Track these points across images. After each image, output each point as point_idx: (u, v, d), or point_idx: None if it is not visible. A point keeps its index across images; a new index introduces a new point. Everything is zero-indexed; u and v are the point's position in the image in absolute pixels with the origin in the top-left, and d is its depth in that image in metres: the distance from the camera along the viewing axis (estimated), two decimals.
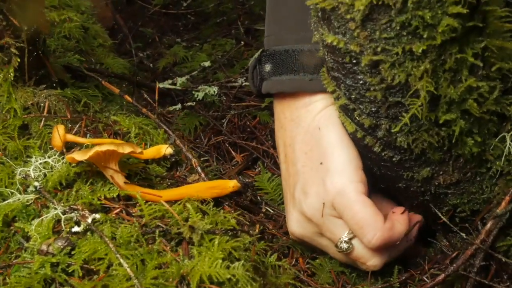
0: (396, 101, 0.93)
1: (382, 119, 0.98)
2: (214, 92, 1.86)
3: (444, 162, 1.03)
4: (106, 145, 1.00)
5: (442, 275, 0.98)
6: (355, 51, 0.89)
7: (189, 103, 1.79)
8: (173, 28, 2.79)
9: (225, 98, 1.90)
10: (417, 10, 0.81)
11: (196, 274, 0.90)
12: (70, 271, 0.93)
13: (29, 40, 1.11)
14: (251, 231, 1.15)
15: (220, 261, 0.92)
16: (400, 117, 0.95)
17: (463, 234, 1.05)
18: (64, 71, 1.39)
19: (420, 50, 0.85)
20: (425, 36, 0.83)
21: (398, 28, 0.83)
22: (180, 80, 1.99)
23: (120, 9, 2.86)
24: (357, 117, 1.01)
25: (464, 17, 0.83)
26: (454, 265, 0.99)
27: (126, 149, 1.02)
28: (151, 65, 2.27)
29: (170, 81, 1.99)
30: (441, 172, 1.04)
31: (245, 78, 2.03)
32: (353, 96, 0.98)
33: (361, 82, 0.94)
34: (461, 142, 0.97)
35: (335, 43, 0.91)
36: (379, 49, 0.87)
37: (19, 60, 1.10)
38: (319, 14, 0.93)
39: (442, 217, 1.08)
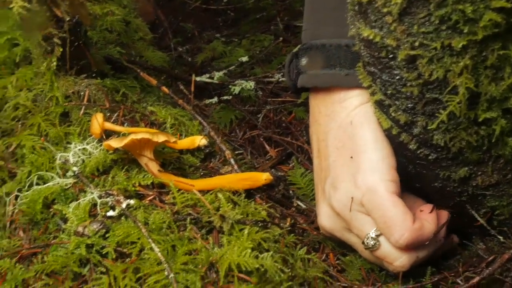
0: (434, 97, 0.91)
1: (418, 116, 0.96)
2: (251, 87, 1.87)
3: (483, 162, 1.00)
4: (141, 133, 1.02)
5: (477, 278, 0.96)
6: (392, 45, 0.88)
7: (225, 97, 1.80)
8: (213, 23, 2.82)
9: (261, 93, 1.90)
10: (457, 4, 0.79)
11: (225, 262, 0.91)
12: (104, 253, 0.96)
13: (71, 31, 1.14)
14: (281, 224, 1.15)
15: (249, 250, 0.93)
16: (437, 114, 0.93)
17: (501, 238, 1.02)
18: (104, 62, 1.43)
19: (460, 46, 0.83)
20: (465, 31, 0.81)
21: (437, 22, 0.82)
22: (217, 75, 2.01)
23: (161, 5, 2.91)
24: (392, 113, 1.00)
25: (509, 12, 0.80)
26: (490, 268, 0.96)
27: (160, 138, 1.04)
28: (189, 59, 2.30)
29: (207, 75, 2.01)
30: (479, 173, 1.01)
31: (282, 73, 2.02)
32: (389, 92, 0.97)
33: (397, 77, 0.93)
34: (501, 142, 0.94)
35: (371, 37, 0.90)
36: (416, 43, 0.85)
37: (61, 49, 1.14)
38: (356, 7, 0.92)
39: (479, 219, 1.06)
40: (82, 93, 1.24)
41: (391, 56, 0.90)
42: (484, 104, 0.90)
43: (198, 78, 1.78)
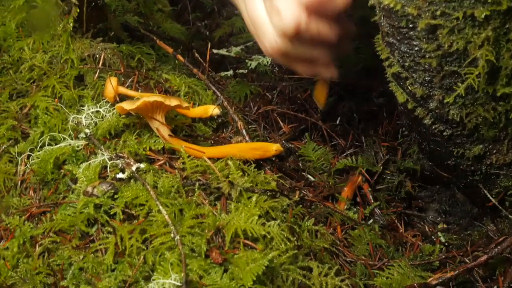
0: (452, 70, 0.89)
1: (435, 90, 0.94)
2: (267, 62, 1.85)
3: (498, 140, 0.98)
4: (154, 96, 1.01)
5: (485, 257, 0.95)
6: (413, 14, 0.86)
7: (241, 71, 1.79)
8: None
9: (277, 69, 1.88)
10: None
11: (231, 228, 0.90)
12: (111, 213, 0.96)
13: None
14: (290, 196, 1.14)
15: (256, 217, 0.93)
16: (454, 88, 0.91)
17: None
18: (121, 29, 1.43)
19: (482, 16, 0.80)
20: (489, 0, 0.79)
21: None
22: (234, 49, 1.99)
23: None
24: (409, 87, 0.98)
25: None
26: (499, 247, 0.95)
27: (173, 102, 1.03)
28: (207, 33, 2.28)
29: (225, 50, 1.99)
30: (494, 151, 1.00)
31: None
32: (406, 64, 0.95)
33: (416, 48, 0.90)
34: None
35: (392, 5, 0.88)
36: (438, 12, 0.83)
37: (78, 10, 1.13)
38: None
39: (492, 199, 1.04)
40: (97, 56, 1.23)
41: (411, 25, 0.88)
42: (504, 79, 0.88)
43: (215, 51, 1.76)
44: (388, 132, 1.56)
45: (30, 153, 1.13)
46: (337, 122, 1.64)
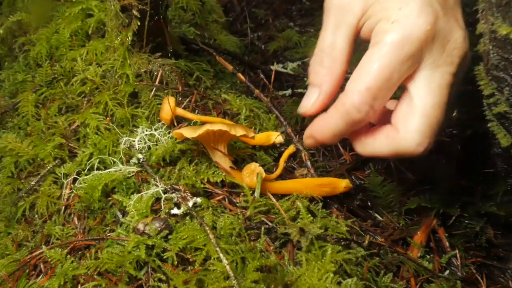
0: None
1: None
2: None
3: None
4: (218, 124, 0.90)
5: None
6: None
7: (299, 90, 1.66)
8: (286, 12, 2.68)
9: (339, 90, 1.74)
10: None
11: (303, 286, 0.77)
12: (164, 257, 0.85)
13: (152, 4, 1.02)
14: (361, 242, 1.01)
15: (331, 274, 0.79)
16: None
17: None
18: (179, 42, 1.32)
19: None
20: None
21: None
22: (291, 65, 1.88)
23: None
24: None
25: None
26: None
27: (239, 132, 0.91)
28: (262, 46, 2.17)
29: (280, 65, 1.88)
30: None
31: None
32: None
33: None
34: None
35: (511, 36, 0.73)
36: None
37: (139, 23, 1.03)
38: None
39: None
40: (155, 73, 1.12)
41: None
42: None
43: (272, 67, 1.65)
44: (464, 167, 1.40)
45: (77, 176, 1.03)
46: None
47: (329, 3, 0.99)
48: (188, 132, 0.92)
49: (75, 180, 1.04)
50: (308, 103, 0.96)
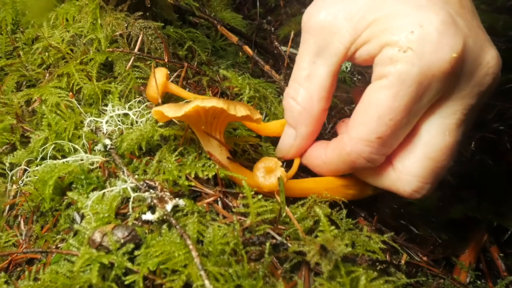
0: None
1: None
2: (346, 68, 1.49)
3: None
4: (212, 100, 0.65)
5: None
6: None
7: None
8: None
9: (359, 78, 1.51)
10: None
11: None
12: (127, 282, 0.59)
13: None
14: (395, 262, 0.76)
15: None
16: None
17: None
18: (171, 8, 1.08)
19: None
20: None
21: None
22: None
23: None
24: None
25: None
26: None
27: (240, 111, 0.66)
28: (272, 29, 1.94)
29: (294, 49, 1.63)
30: None
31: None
32: None
33: None
34: None
35: None
36: None
37: None
38: None
39: None
40: (133, 38, 0.88)
41: None
42: None
43: (284, 48, 1.40)
44: None
45: (26, 167, 0.79)
46: None
47: (308, 23, 0.76)
48: (171, 111, 0.67)
49: (25, 172, 0.79)
50: (285, 147, 0.80)
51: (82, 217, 0.71)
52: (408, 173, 0.72)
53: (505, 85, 1.35)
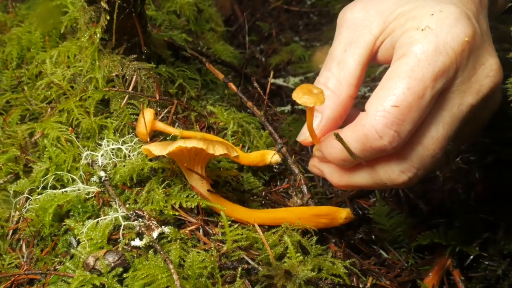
0: None
1: None
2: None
3: None
4: (193, 141, 0.74)
5: None
6: None
7: (301, 106, 1.51)
8: (292, 26, 2.56)
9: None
10: None
11: None
12: None
13: None
14: (360, 285, 0.84)
15: None
16: None
17: None
18: (165, 46, 1.17)
19: None
20: None
21: None
22: (292, 80, 1.74)
23: (240, 1, 2.70)
24: None
25: None
26: None
27: (218, 150, 0.75)
28: (263, 59, 2.03)
29: (282, 79, 1.73)
30: None
31: (368, 88, 1.72)
32: None
33: None
34: None
35: None
36: None
37: (108, 17, 0.88)
38: None
39: None
40: (127, 78, 0.97)
41: None
42: None
43: (272, 80, 1.50)
44: (484, 199, 1.23)
45: (29, 196, 0.88)
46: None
47: (343, 18, 0.83)
48: (158, 149, 0.76)
49: (27, 200, 0.88)
50: (309, 128, 0.81)
51: (78, 242, 0.79)
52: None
53: None
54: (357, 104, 1.65)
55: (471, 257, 1.07)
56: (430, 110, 0.74)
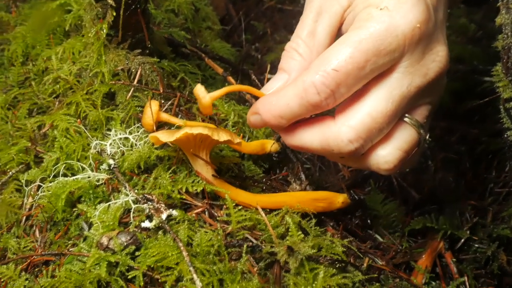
0: None
1: None
2: None
3: None
4: (199, 128, 0.79)
5: None
6: None
7: None
8: (286, 25, 2.60)
9: None
10: None
11: None
12: (129, 277, 0.73)
13: None
14: (358, 264, 0.89)
15: None
16: None
17: None
18: (165, 43, 1.22)
19: None
20: None
21: None
22: None
23: (234, 1, 2.74)
24: None
25: None
26: None
27: (222, 136, 0.80)
28: (259, 56, 2.08)
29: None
30: None
31: None
32: None
33: None
34: None
35: None
36: None
37: (114, 14, 0.92)
38: None
39: None
40: (133, 72, 1.02)
41: None
42: None
43: (269, 76, 1.54)
44: (473, 187, 1.29)
45: (41, 184, 0.92)
46: (407, 169, 1.36)
47: None
48: (165, 136, 0.81)
49: (39, 188, 0.92)
50: (272, 87, 0.85)
51: (90, 225, 0.84)
52: (347, 125, 0.78)
53: (467, 110, 1.50)
54: None
55: (462, 240, 1.13)
56: (381, 87, 0.79)
